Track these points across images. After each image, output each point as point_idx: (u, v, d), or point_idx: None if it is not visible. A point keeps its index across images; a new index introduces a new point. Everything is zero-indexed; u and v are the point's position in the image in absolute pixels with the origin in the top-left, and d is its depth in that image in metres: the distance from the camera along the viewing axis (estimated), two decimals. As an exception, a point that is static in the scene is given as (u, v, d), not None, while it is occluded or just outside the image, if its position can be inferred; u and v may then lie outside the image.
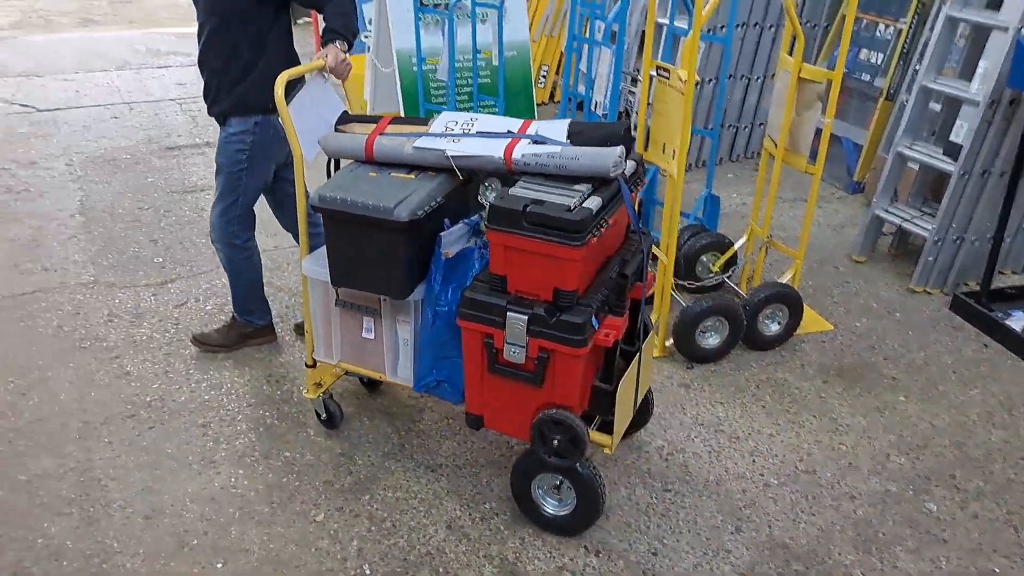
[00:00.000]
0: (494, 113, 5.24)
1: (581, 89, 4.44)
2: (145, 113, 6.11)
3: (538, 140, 2.34)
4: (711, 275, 3.68)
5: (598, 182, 2.25)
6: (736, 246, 3.70)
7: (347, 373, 2.94)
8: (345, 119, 2.67)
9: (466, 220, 2.47)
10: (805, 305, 3.50)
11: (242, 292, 3.31)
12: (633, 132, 2.97)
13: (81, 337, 3.43)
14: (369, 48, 6.42)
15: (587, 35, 4.32)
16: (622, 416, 2.42)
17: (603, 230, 2.17)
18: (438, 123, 2.52)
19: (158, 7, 9.67)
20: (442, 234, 2.41)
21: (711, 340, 3.28)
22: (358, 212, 2.33)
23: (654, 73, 3.20)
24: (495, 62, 4.60)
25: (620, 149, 2.23)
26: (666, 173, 3.10)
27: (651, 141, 3.30)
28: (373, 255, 2.40)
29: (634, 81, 5.34)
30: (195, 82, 5.55)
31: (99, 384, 3.16)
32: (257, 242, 3.22)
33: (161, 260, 4.06)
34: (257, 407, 3.05)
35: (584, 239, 2.08)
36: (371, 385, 3.16)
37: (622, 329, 2.32)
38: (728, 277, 3.70)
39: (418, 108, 5.10)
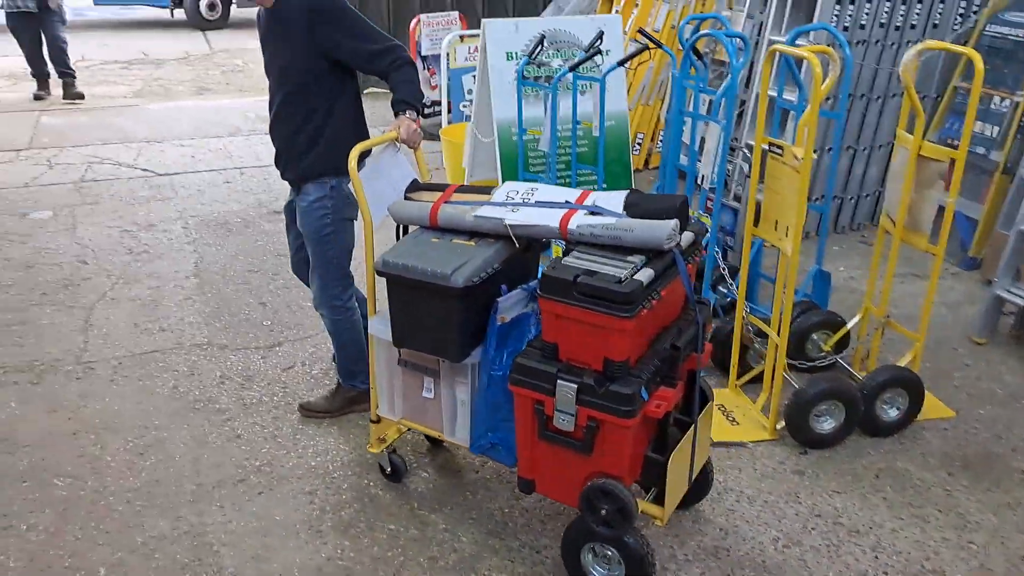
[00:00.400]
0: (592, 182, 5.28)
1: (683, 160, 4.44)
2: (255, 178, 6.39)
3: (595, 211, 2.39)
4: (822, 354, 3.56)
5: (652, 254, 2.28)
6: (849, 325, 3.58)
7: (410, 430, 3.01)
8: (414, 187, 2.77)
9: (524, 287, 2.53)
10: (925, 390, 3.34)
11: (345, 356, 3.38)
12: (733, 203, 2.93)
13: (195, 399, 3.54)
14: (470, 118, 6.59)
15: (691, 108, 4.33)
16: (674, 488, 2.42)
17: (655, 302, 2.21)
18: (500, 193, 2.62)
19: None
20: (499, 299, 2.48)
21: (826, 424, 3.15)
22: (417, 277, 2.45)
23: (766, 148, 3.16)
24: (595, 133, 4.64)
25: (674, 222, 2.27)
26: (770, 245, 3.04)
27: (762, 217, 3.25)
28: (431, 318, 2.51)
29: (742, 155, 5.29)
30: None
31: (212, 446, 3.24)
32: (357, 304, 3.30)
33: (270, 323, 4.19)
34: (362, 476, 3.07)
35: (634, 311, 2.12)
36: (435, 442, 3.18)
37: (674, 400, 2.33)
38: (841, 357, 3.57)
39: (517, 176, 5.18)
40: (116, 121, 7.83)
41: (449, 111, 7.05)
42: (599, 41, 4.77)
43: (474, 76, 6.59)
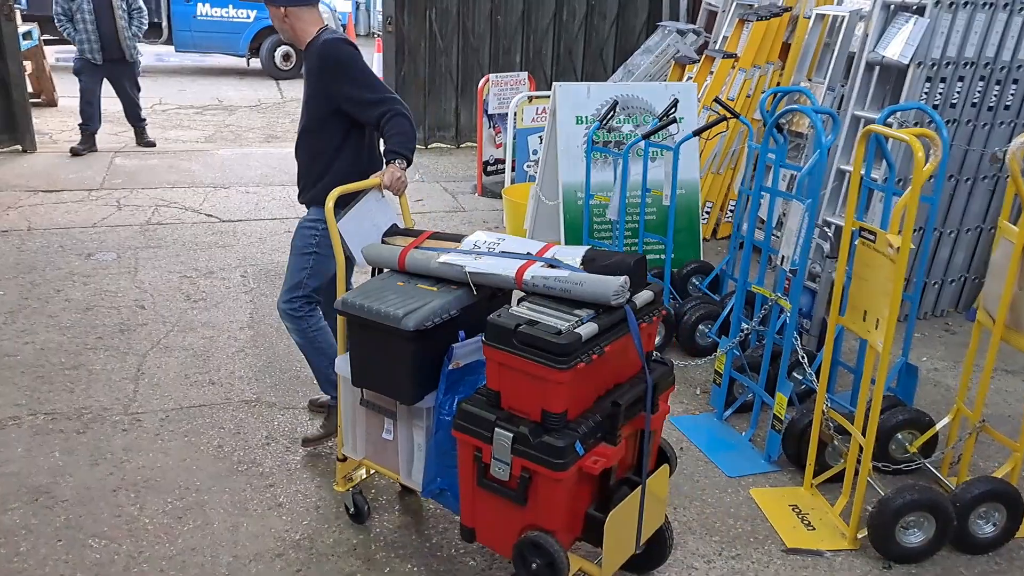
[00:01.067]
0: (660, 251, 5.10)
1: (758, 235, 4.24)
2: (316, 229, 6.37)
3: (552, 264, 2.43)
4: (908, 456, 3.28)
5: (601, 309, 2.29)
6: (939, 426, 3.30)
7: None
8: (392, 231, 2.88)
9: (483, 335, 2.45)
10: (1024, 504, 3.03)
11: (325, 364, 3.38)
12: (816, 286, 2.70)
13: (239, 460, 3.42)
14: (534, 178, 6.51)
15: (768, 182, 4.15)
16: (614, 548, 2.36)
17: (595, 356, 2.19)
18: (468, 241, 2.67)
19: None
20: (454, 345, 2.51)
21: (914, 537, 2.87)
22: (372, 318, 2.51)
23: (856, 231, 2.96)
24: (665, 202, 4.48)
25: (623, 279, 2.27)
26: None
27: (849, 306, 3.03)
28: (385, 359, 2.56)
29: (819, 232, 5.06)
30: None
31: (252, 514, 3.09)
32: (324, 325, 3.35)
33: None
34: (406, 559, 2.88)
35: (569, 363, 2.12)
36: (405, 488, 3.16)
37: (614, 458, 2.30)
38: (928, 460, 3.28)
39: (581, 242, 5.03)
40: (186, 165, 7.96)
41: (513, 170, 6.99)
42: (673, 109, 4.64)
43: (540, 137, 6.53)
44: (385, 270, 2.79)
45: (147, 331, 4.54)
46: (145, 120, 8.69)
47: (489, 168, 7.53)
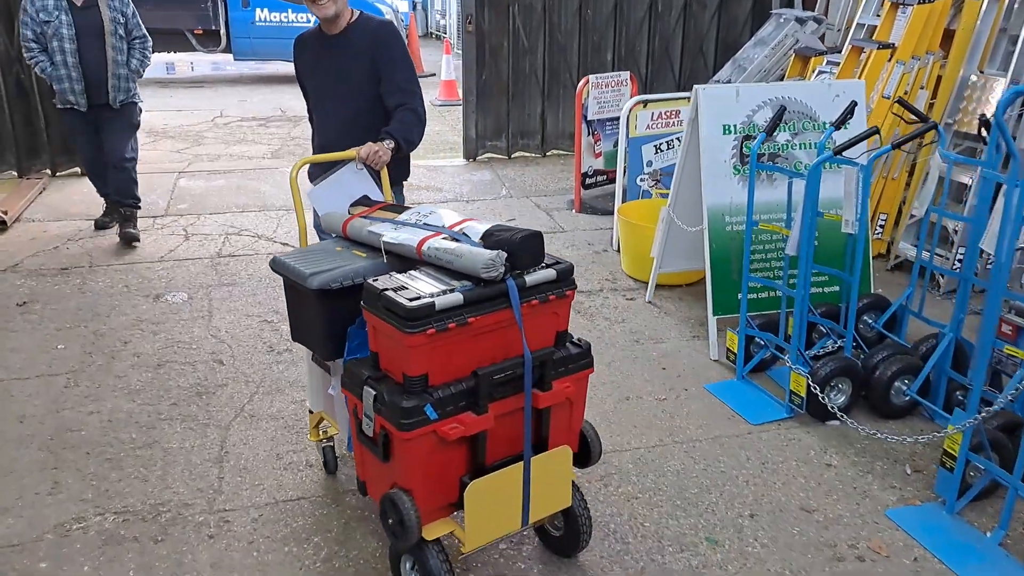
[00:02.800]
0: (834, 292, 4.27)
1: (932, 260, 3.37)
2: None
3: (455, 237, 2.45)
4: None
5: (479, 282, 2.29)
6: None
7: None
8: (359, 202, 2.96)
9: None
10: None
11: None
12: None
13: (357, 584, 2.70)
14: (648, 193, 5.69)
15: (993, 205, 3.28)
16: (480, 517, 2.39)
17: (453, 325, 2.22)
18: (407, 213, 2.73)
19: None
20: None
21: None
22: (291, 276, 2.66)
23: None
24: (848, 229, 3.63)
25: (495, 254, 2.26)
26: None
27: None
28: (305, 317, 2.75)
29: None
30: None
31: (382, 672, 2.36)
32: None
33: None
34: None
35: (417, 328, 2.18)
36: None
37: (475, 427, 2.32)
38: None
39: (728, 275, 4.22)
40: (255, 185, 7.33)
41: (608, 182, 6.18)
42: (850, 115, 3.80)
43: (656, 147, 5.72)
44: (333, 235, 2.92)
45: (228, 394, 3.86)
46: (137, 201, 5.95)
47: (588, 181, 6.74)
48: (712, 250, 4.21)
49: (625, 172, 5.73)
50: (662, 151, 5.74)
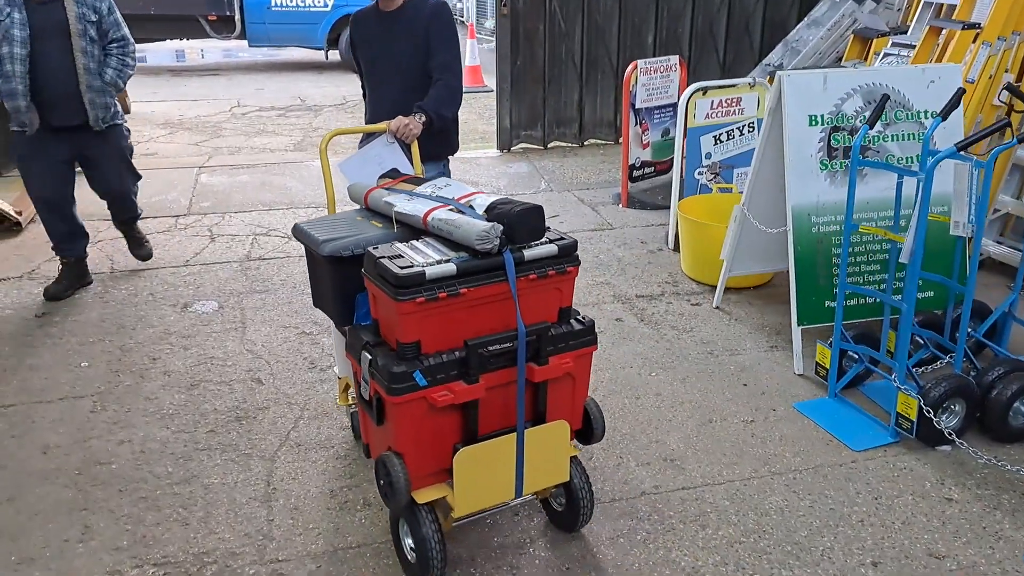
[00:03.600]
0: (928, 298, 3.88)
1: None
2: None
3: (460, 209, 2.46)
4: None
5: (476, 253, 2.32)
6: None
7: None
8: (387, 174, 2.97)
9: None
10: None
11: None
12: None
13: (437, 657, 2.35)
14: (708, 188, 5.29)
15: None
16: (468, 484, 2.40)
17: (444, 295, 2.25)
18: (425, 185, 2.75)
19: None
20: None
21: None
22: (306, 243, 2.71)
23: None
24: (961, 232, 3.24)
25: (489, 226, 2.28)
26: None
27: None
28: (321, 283, 2.81)
29: None
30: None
31: None
32: None
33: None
34: None
35: (406, 296, 2.22)
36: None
37: (465, 396, 2.34)
38: None
39: (814, 281, 3.84)
40: (280, 181, 6.96)
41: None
42: (956, 104, 3.40)
43: (715, 137, 5.31)
44: (357, 206, 2.95)
45: (270, 419, 3.51)
46: (137, 217, 5.11)
47: (635, 173, 6.34)
48: (796, 254, 3.82)
49: (683, 165, 5.33)
50: (721, 142, 5.34)
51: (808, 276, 3.83)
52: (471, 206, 2.46)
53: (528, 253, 2.37)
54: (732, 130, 5.34)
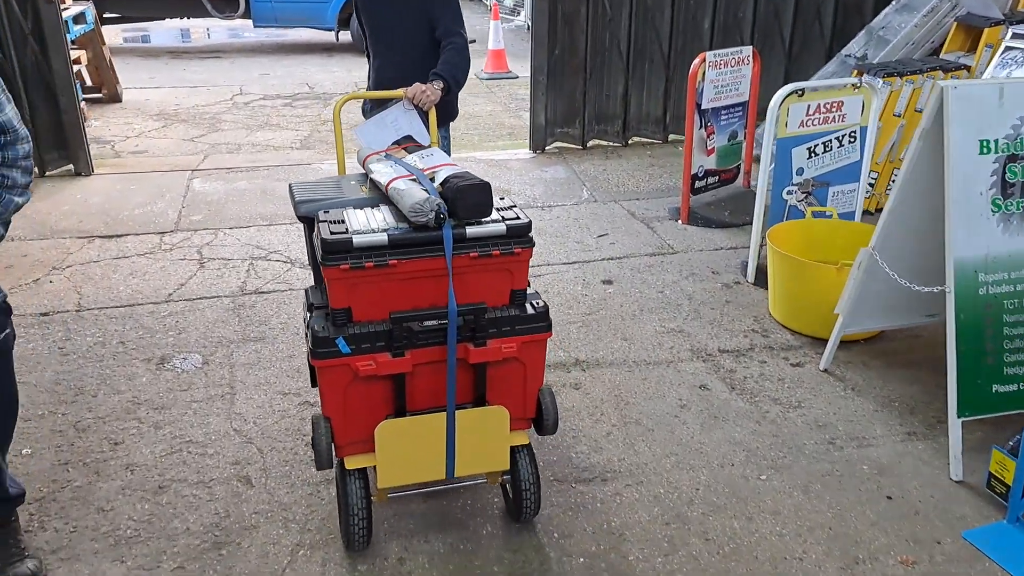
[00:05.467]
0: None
1: None
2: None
3: (420, 179, 2.44)
4: None
5: (413, 225, 2.31)
6: None
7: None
8: (401, 141, 3.02)
9: None
10: None
11: None
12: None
13: None
14: (799, 210, 4.35)
15: None
16: (391, 457, 2.42)
17: (370, 265, 2.24)
18: (418, 153, 2.74)
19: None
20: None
21: None
22: (292, 201, 2.64)
23: None
24: None
25: (424, 198, 2.27)
26: None
27: None
28: (309, 242, 2.74)
29: None
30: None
31: None
32: None
33: None
34: None
35: (334, 262, 2.23)
36: None
37: (388, 368, 2.34)
38: None
39: (981, 359, 2.91)
40: (283, 189, 5.98)
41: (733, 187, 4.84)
42: None
43: (810, 148, 4.36)
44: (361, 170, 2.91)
45: (259, 547, 2.62)
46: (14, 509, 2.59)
47: (697, 184, 5.39)
48: (958, 323, 2.89)
49: (769, 182, 4.38)
50: (816, 155, 4.39)
51: (973, 352, 2.90)
52: (432, 178, 2.44)
53: (472, 230, 2.33)
54: (830, 140, 4.39)
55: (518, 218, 2.39)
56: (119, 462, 3.03)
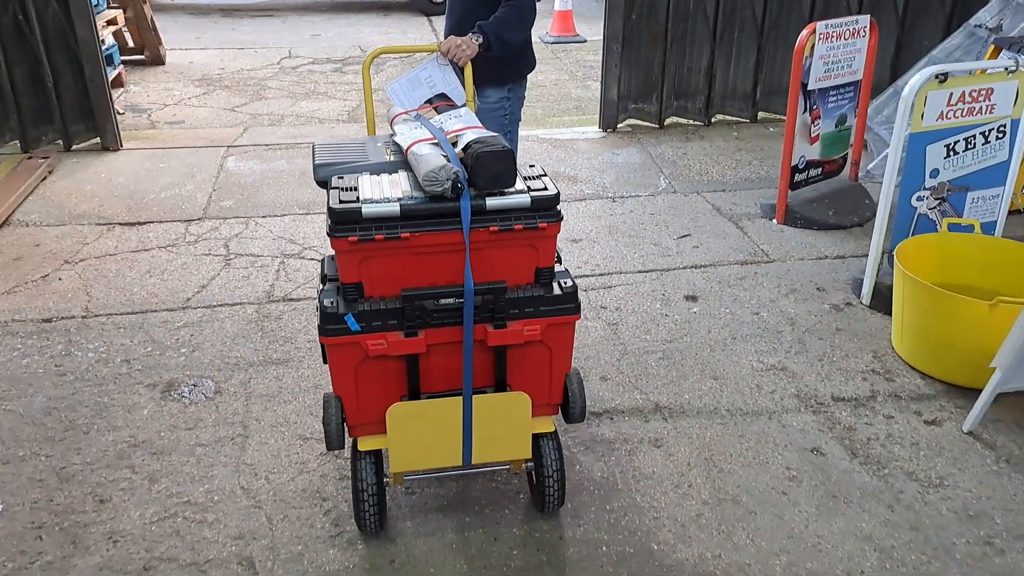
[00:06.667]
0: None
1: None
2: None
3: (442, 144, 2.29)
4: None
5: (431, 196, 2.15)
6: None
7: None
8: (433, 99, 2.85)
9: None
10: None
11: None
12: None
13: None
14: (930, 220, 3.58)
15: None
16: (404, 441, 2.27)
17: (380, 237, 2.09)
18: (447, 113, 2.56)
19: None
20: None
21: None
22: (312, 164, 2.48)
23: None
24: None
25: (440, 166, 2.10)
26: None
27: None
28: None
29: None
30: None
31: None
32: None
33: None
34: None
35: (341, 233, 2.09)
36: None
37: (400, 349, 2.20)
38: None
39: None
40: (325, 168, 5.45)
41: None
42: None
43: (948, 146, 3.58)
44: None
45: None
46: None
47: (797, 176, 4.63)
48: None
49: (896, 185, 3.61)
50: (956, 153, 3.60)
51: None
52: (455, 143, 2.30)
53: (493, 202, 2.16)
54: (974, 136, 3.59)
55: (545, 188, 2.19)
56: (102, 528, 2.50)
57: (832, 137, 4.71)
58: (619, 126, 6.10)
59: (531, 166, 2.33)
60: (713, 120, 6.21)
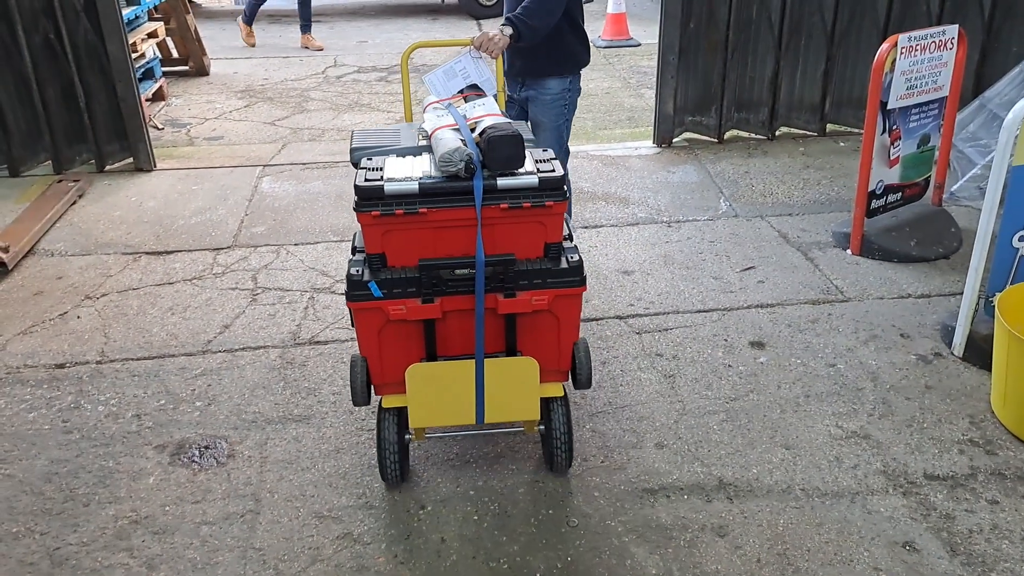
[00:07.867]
0: None
1: None
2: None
3: (462, 130, 2.48)
4: None
5: (449, 175, 2.33)
6: None
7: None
8: (465, 89, 3.02)
9: None
10: None
11: None
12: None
13: None
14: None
15: None
16: (421, 398, 2.46)
17: (400, 212, 2.27)
18: (475, 101, 2.75)
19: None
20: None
21: None
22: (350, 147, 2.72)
23: None
24: None
25: (455, 150, 2.29)
26: None
27: None
28: None
29: None
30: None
31: None
32: None
33: None
34: None
35: (366, 208, 2.29)
36: None
37: (418, 314, 2.39)
38: None
39: None
40: (362, 190, 5.17)
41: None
42: None
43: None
44: None
45: None
46: None
47: (875, 203, 4.17)
48: None
49: (997, 223, 3.15)
50: (1068, 186, 3.12)
51: None
52: (474, 128, 2.46)
53: (503, 182, 2.33)
54: (1089, 166, 3.11)
55: (553, 171, 2.37)
56: (91, 628, 2.24)
57: (913, 159, 4.24)
58: (675, 140, 5.69)
59: (544, 150, 2.54)
60: (777, 134, 5.75)
